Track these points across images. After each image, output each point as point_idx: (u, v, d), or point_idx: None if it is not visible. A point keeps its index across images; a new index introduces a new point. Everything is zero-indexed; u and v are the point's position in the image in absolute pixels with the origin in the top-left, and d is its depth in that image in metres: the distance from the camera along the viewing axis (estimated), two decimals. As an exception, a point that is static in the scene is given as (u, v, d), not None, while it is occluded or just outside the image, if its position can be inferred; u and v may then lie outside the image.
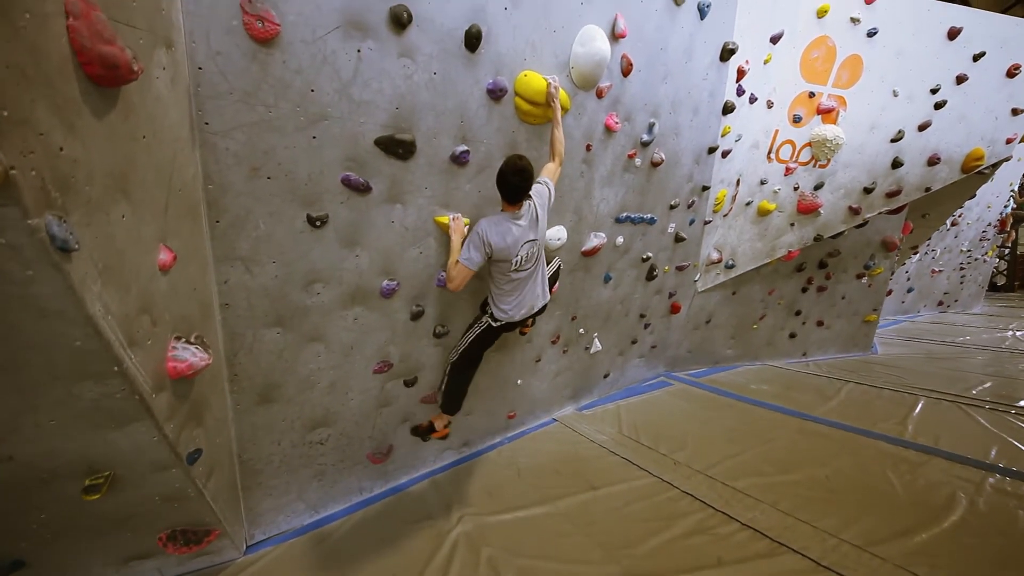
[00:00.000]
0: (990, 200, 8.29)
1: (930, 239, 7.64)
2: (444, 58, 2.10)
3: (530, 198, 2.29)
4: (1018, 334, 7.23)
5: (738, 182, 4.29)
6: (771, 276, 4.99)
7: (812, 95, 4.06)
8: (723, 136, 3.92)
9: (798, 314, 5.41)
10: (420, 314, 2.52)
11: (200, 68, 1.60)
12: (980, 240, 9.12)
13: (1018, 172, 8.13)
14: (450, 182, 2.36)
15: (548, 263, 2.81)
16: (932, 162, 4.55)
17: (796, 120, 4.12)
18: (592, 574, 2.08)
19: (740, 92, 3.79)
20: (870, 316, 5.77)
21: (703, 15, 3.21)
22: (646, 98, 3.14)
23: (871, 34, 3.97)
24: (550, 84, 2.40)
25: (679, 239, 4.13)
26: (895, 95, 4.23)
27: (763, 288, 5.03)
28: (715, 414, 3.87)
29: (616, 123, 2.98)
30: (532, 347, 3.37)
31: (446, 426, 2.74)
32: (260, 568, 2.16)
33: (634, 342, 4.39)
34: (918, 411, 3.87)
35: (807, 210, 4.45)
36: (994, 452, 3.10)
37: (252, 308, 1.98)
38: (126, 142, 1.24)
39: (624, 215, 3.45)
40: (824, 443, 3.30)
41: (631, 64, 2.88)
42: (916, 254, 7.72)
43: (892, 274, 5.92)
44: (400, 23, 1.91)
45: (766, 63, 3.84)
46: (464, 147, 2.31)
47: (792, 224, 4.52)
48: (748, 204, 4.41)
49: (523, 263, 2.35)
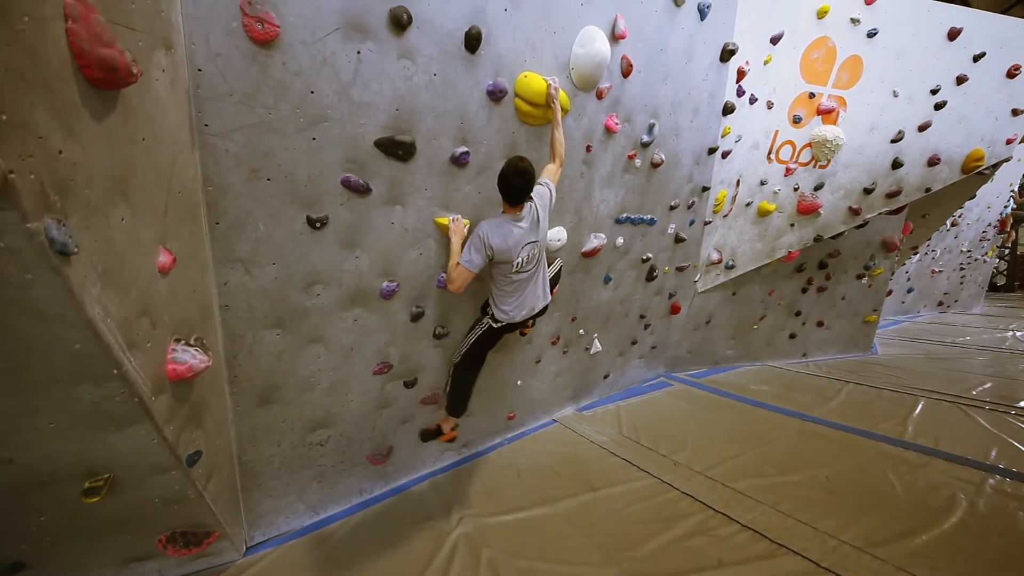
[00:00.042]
0: (990, 200, 8.29)
1: (930, 239, 7.63)
2: (444, 59, 2.10)
3: (531, 199, 2.29)
4: (1018, 334, 7.23)
5: (738, 183, 4.29)
6: (771, 277, 4.98)
7: (812, 96, 4.06)
8: (723, 137, 3.92)
9: (798, 315, 5.41)
10: (420, 315, 2.52)
11: (200, 70, 1.60)
12: (980, 240, 9.12)
13: (1018, 172, 8.12)
14: (450, 183, 2.36)
15: (550, 264, 2.81)
16: (932, 163, 4.55)
17: (796, 121, 4.12)
18: (592, 576, 2.08)
19: (740, 93, 3.79)
20: (870, 317, 5.77)
21: (703, 16, 3.21)
22: (646, 99, 3.14)
23: (871, 35, 3.97)
24: (550, 85, 2.40)
25: (679, 240, 4.13)
26: (895, 96, 4.23)
27: (763, 289, 5.03)
28: (715, 415, 3.87)
29: (616, 124, 2.98)
30: (532, 348, 3.37)
31: (453, 428, 2.76)
32: (260, 569, 2.16)
33: (634, 343, 4.39)
34: (918, 412, 3.87)
35: (807, 211, 4.45)
36: (994, 453, 3.10)
37: (252, 310, 1.98)
38: (125, 145, 1.24)
39: (624, 216, 3.45)
40: (824, 444, 3.30)
41: (631, 65, 2.88)
42: (916, 254, 7.71)
43: (892, 274, 5.92)
44: (400, 24, 1.91)
45: (766, 64, 3.84)
46: (464, 148, 2.31)
47: (792, 225, 4.52)
48: (748, 205, 4.41)
49: (524, 265, 2.34)
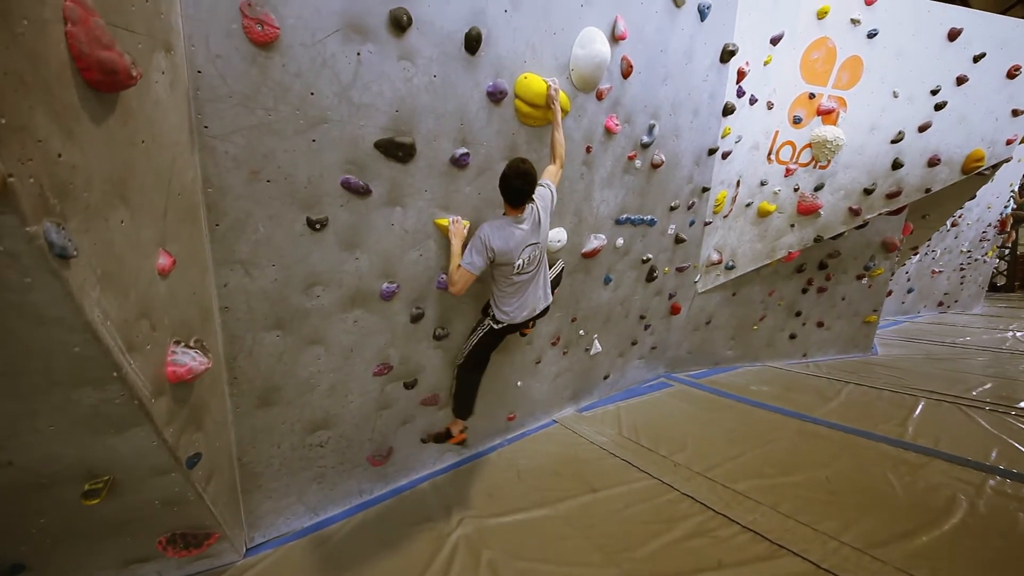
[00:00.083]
0: (990, 201, 8.29)
1: (930, 240, 7.63)
2: (444, 61, 2.10)
3: (532, 201, 2.28)
4: (1018, 335, 7.23)
5: (738, 183, 4.29)
6: (771, 277, 4.98)
7: (812, 96, 4.05)
8: (723, 137, 3.92)
9: (798, 315, 5.40)
10: (420, 316, 2.52)
11: (199, 72, 1.60)
12: (980, 241, 9.12)
13: (1018, 173, 8.12)
14: (450, 185, 2.35)
15: (551, 265, 2.81)
16: (932, 163, 4.55)
17: (796, 121, 4.12)
18: (592, 577, 2.08)
19: (740, 93, 3.79)
20: (870, 317, 5.76)
21: (703, 17, 3.21)
22: (646, 100, 3.14)
23: (871, 35, 3.96)
24: (550, 86, 2.40)
25: (679, 240, 4.13)
26: (895, 96, 4.22)
27: (763, 289, 5.03)
28: (715, 415, 3.87)
29: (616, 125, 2.98)
30: (532, 349, 3.37)
31: (462, 431, 2.77)
32: (260, 571, 2.16)
33: (634, 343, 4.39)
34: (918, 412, 3.87)
35: (807, 211, 4.44)
36: (994, 454, 3.10)
37: (252, 311, 1.98)
38: (125, 147, 1.23)
39: (624, 217, 3.45)
40: (824, 445, 3.30)
41: (631, 66, 2.88)
42: (916, 255, 7.71)
43: (892, 275, 5.92)
44: (400, 26, 1.91)
45: (766, 64, 3.83)
46: (464, 150, 2.31)
47: (792, 225, 4.52)
48: (748, 205, 4.41)
49: (525, 266, 2.34)
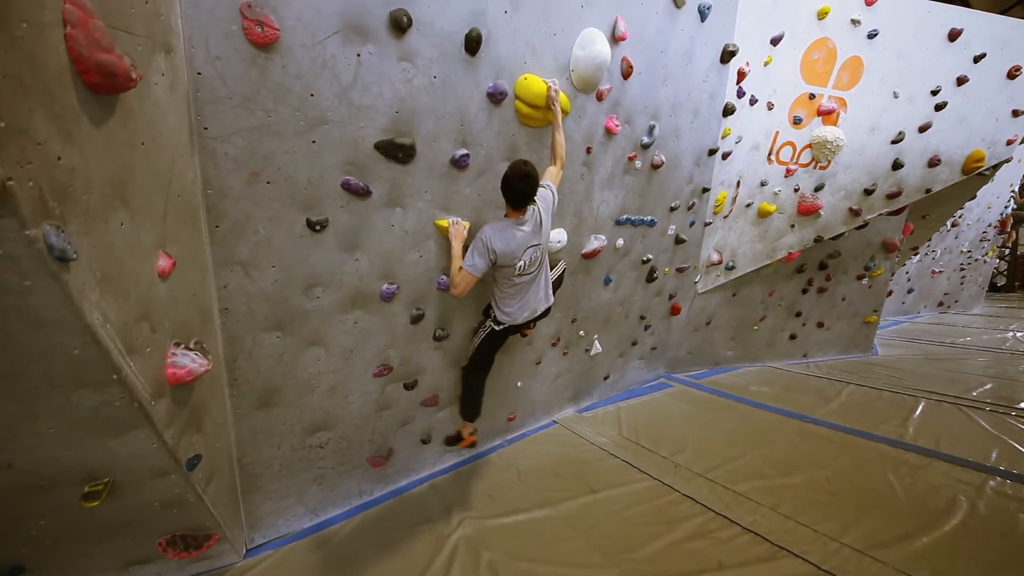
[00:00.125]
0: (990, 201, 8.29)
1: (930, 240, 7.63)
2: (444, 62, 2.10)
3: (534, 203, 2.28)
4: (1018, 335, 7.22)
5: (738, 184, 4.29)
6: (771, 277, 4.98)
7: (812, 97, 4.05)
8: (723, 138, 3.92)
9: (798, 315, 5.40)
10: (420, 317, 2.52)
11: (199, 73, 1.60)
12: (980, 241, 9.12)
13: (1018, 173, 8.11)
14: (450, 186, 2.35)
15: (553, 267, 2.81)
16: (933, 163, 4.54)
17: (796, 122, 4.11)
18: (592, 579, 2.07)
19: (740, 94, 3.79)
20: (870, 317, 5.76)
21: (703, 17, 3.21)
22: (646, 100, 3.13)
23: (872, 36, 3.96)
24: (550, 87, 2.39)
25: (679, 241, 4.13)
26: (895, 97, 4.22)
27: (763, 289, 5.02)
28: (715, 416, 3.87)
29: (616, 126, 2.98)
30: (532, 349, 3.37)
31: (472, 434, 2.81)
32: (260, 572, 2.16)
33: (634, 344, 4.39)
34: (919, 413, 3.87)
35: (807, 212, 4.44)
36: (995, 455, 3.10)
37: (252, 312, 1.98)
38: (124, 149, 1.23)
39: (624, 217, 3.45)
40: (825, 445, 3.29)
41: (631, 67, 2.88)
42: (916, 255, 7.71)
43: (892, 275, 5.91)
44: (400, 27, 1.90)
45: (766, 65, 3.83)
46: (464, 151, 2.30)
47: (792, 226, 4.51)
48: (748, 206, 4.41)
49: (527, 267, 2.35)
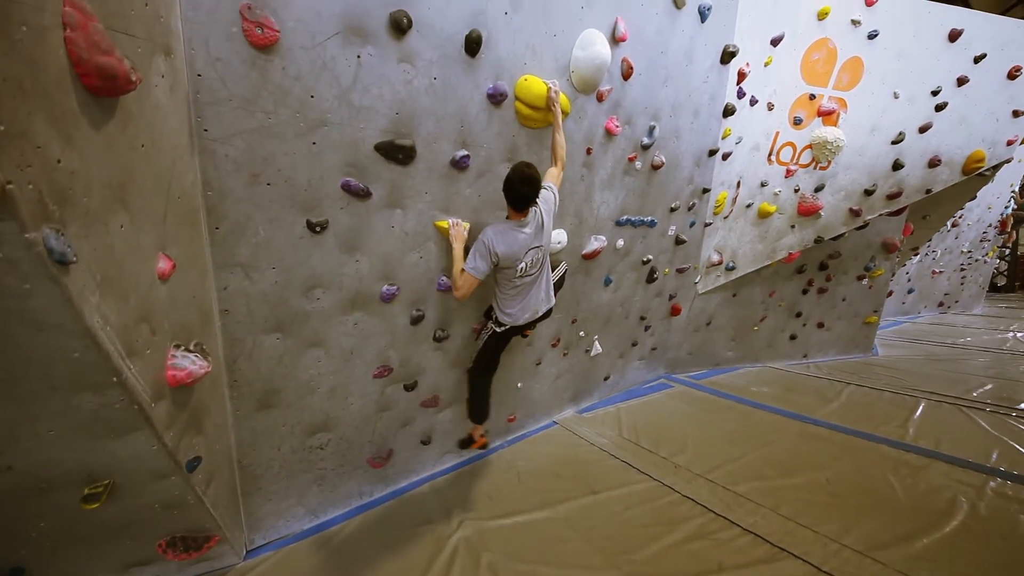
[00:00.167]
0: (991, 201, 8.28)
1: (931, 240, 7.62)
2: (444, 63, 2.10)
3: (536, 205, 2.28)
4: (1019, 335, 7.21)
5: (738, 184, 4.28)
6: (772, 278, 4.98)
7: (813, 97, 4.05)
8: (723, 139, 3.91)
9: (799, 316, 5.40)
10: (420, 319, 2.52)
11: (199, 75, 1.59)
12: (981, 241, 9.10)
13: (1018, 173, 8.10)
14: (450, 187, 2.35)
15: (554, 268, 2.81)
16: (933, 164, 4.54)
17: (797, 122, 4.11)
18: (592, 580, 2.07)
19: (741, 95, 3.78)
20: (871, 318, 5.76)
21: (704, 18, 3.21)
22: (646, 101, 3.13)
23: (872, 36, 3.96)
24: (550, 88, 2.39)
25: (679, 241, 4.13)
26: (896, 97, 4.22)
27: (764, 290, 5.02)
28: (715, 416, 3.87)
29: (616, 126, 2.98)
30: (532, 350, 3.37)
31: (482, 435, 2.84)
32: (260, 573, 2.16)
33: (634, 344, 4.38)
34: (919, 414, 3.87)
35: (808, 212, 4.44)
36: (995, 455, 3.09)
37: (252, 314, 1.98)
38: (124, 152, 1.23)
39: (624, 218, 3.45)
40: (825, 446, 3.29)
41: (631, 68, 2.88)
42: (917, 255, 7.70)
43: (893, 275, 5.91)
44: (400, 28, 1.90)
45: (767, 65, 3.83)
46: (464, 152, 2.30)
47: (793, 226, 4.51)
48: (748, 206, 4.40)
49: (528, 269, 2.35)
